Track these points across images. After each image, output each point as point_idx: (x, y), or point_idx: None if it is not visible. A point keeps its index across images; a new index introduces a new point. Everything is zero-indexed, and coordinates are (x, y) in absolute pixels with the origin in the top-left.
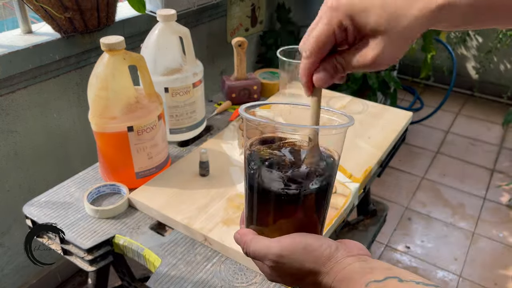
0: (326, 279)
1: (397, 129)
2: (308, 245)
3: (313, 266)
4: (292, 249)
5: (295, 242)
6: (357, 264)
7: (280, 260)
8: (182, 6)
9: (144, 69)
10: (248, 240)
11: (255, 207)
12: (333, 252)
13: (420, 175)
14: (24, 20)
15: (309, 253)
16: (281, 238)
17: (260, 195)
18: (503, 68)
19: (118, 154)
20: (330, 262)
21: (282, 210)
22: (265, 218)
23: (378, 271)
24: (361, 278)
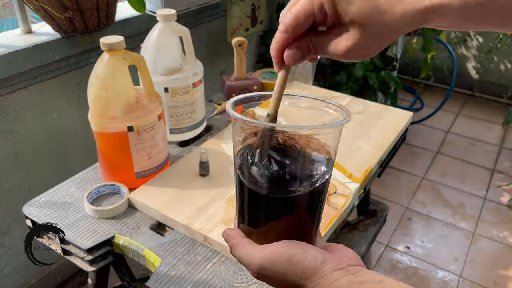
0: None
1: (397, 129)
2: (292, 256)
3: (297, 279)
4: (274, 261)
5: (278, 253)
6: (344, 280)
7: (261, 272)
8: (182, 6)
9: (144, 69)
10: (234, 244)
11: (245, 207)
12: (319, 266)
13: (420, 175)
14: (24, 20)
15: (293, 265)
16: (266, 247)
17: (249, 196)
18: (504, 68)
19: (118, 154)
20: (315, 277)
21: (271, 213)
22: (254, 219)
23: (367, 286)
24: None
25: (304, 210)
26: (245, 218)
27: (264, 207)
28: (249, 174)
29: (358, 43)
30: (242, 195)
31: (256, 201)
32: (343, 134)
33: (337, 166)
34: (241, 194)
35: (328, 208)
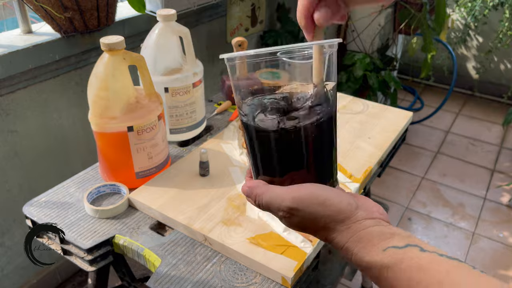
0: (339, 238)
1: (397, 129)
2: (326, 199)
3: (328, 221)
4: (308, 202)
5: (312, 194)
6: (376, 228)
7: (292, 213)
8: (182, 6)
9: (144, 69)
10: (260, 192)
11: (260, 156)
12: (353, 211)
13: (420, 175)
14: (24, 20)
15: (327, 207)
16: (298, 188)
17: (264, 142)
18: (503, 68)
19: (118, 154)
20: (347, 221)
21: (285, 154)
22: (273, 165)
23: (398, 237)
24: (379, 243)
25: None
26: (262, 167)
27: (280, 148)
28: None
29: None
30: (257, 145)
31: (270, 144)
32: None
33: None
34: (253, 143)
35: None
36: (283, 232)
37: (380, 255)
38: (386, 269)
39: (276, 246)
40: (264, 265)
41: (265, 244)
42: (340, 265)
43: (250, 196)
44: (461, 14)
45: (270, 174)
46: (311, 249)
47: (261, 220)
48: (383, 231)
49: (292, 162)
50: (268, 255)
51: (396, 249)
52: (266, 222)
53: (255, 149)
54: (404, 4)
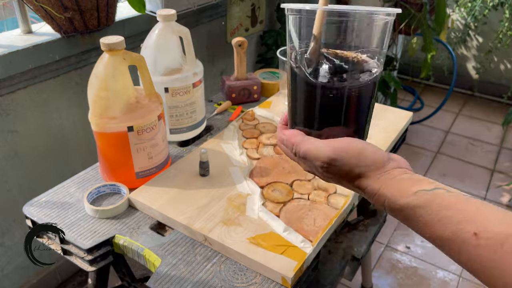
0: (373, 185)
1: (397, 129)
2: (363, 149)
3: (364, 170)
4: (346, 152)
5: (350, 145)
6: (406, 175)
7: (332, 163)
8: (182, 6)
9: (144, 69)
10: (298, 141)
11: (303, 107)
12: (385, 161)
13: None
14: (24, 20)
15: (364, 157)
16: (335, 141)
17: (309, 93)
18: (503, 68)
19: (118, 154)
20: (381, 170)
21: (330, 108)
22: (314, 117)
23: (426, 182)
24: (410, 187)
25: (359, 107)
26: (304, 119)
27: (323, 103)
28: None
29: None
30: (303, 96)
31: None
32: None
33: None
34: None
35: (328, 209)
36: (283, 232)
37: (412, 197)
38: (419, 209)
39: (276, 246)
40: (264, 265)
41: (265, 244)
42: (340, 265)
43: (287, 144)
44: (461, 14)
45: (309, 125)
46: (311, 249)
47: (261, 220)
48: (412, 178)
49: (332, 117)
50: (268, 255)
51: (426, 192)
52: (266, 222)
53: (299, 100)
54: (404, 4)
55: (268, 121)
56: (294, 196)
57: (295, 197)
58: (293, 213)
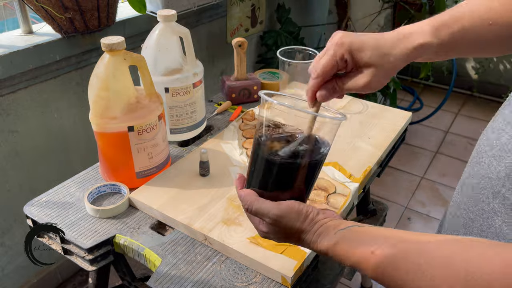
0: (308, 236)
1: (397, 129)
2: (300, 210)
3: (301, 225)
4: (288, 212)
5: (289, 206)
6: (330, 222)
7: (278, 219)
8: (182, 7)
9: (144, 69)
10: (253, 200)
11: (258, 172)
12: (315, 216)
13: (420, 175)
14: (25, 20)
15: (299, 216)
16: (280, 203)
17: (264, 164)
18: (503, 68)
19: (119, 154)
20: (312, 222)
21: (280, 178)
22: (266, 183)
23: (344, 223)
24: (332, 230)
25: (304, 179)
26: (258, 181)
27: (275, 173)
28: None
29: (372, 79)
30: (260, 166)
31: (270, 169)
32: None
33: (337, 166)
34: (256, 162)
35: (328, 208)
36: None
37: (332, 238)
38: (337, 244)
39: (276, 245)
40: (264, 265)
41: (265, 243)
42: (339, 265)
43: (243, 201)
44: None
45: (262, 188)
46: None
47: None
48: (335, 223)
49: (282, 184)
50: (268, 255)
51: (341, 230)
52: None
53: (256, 167)
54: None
55: None
56: None
57: None
58: None
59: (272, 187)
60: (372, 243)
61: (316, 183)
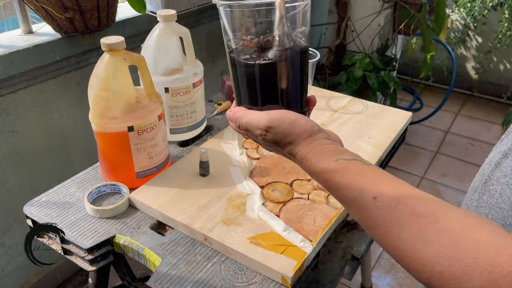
0: (302, 151)
1: (397, 129)
2: (295, 120)
3: (295, 138)
4: (280, 122)
5: (283, 116)
6: (331, 146)
7: (268, 130)
8: (182, 7)
9: (144, 69)
10: (241, 115)
11: (241, 86)
12: (315, 131)
13: (420, 175)
14: (25, 20)
15: (295, 127)
16: (271, 112)
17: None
18: (503, 68)
19: (119, 154)
20: (310, 138)
21: (264, 83)
22: (252, 95)
23: (347, 153)
24: (332, 155)
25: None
26: (244, 96)
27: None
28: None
29: None
30: (240, 77)
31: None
32: (343, 134)
33: None
34: (240, 76)
35: (328, 208)
36: (283, 232)
37: (332, 164)
38: (335, 173)
39: (276, 245)
40: (264, 265)
41: (265, 243)
42: (339, 265)
43: (232, 119)
44: (460, 14)
45: (251, 102)
46: (311, 249)
47: (261, 220)
48: (337, 148)
49: (267, 92)
50: (268, 255)
51: (345, 160)
52: (266, 222)
53: (239, 81)
54: (404, 4)
55: None
56: (294, 196)
57: (295, 196)
58: (293, 212)
59: (260, 100)
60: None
61: (316, 183)
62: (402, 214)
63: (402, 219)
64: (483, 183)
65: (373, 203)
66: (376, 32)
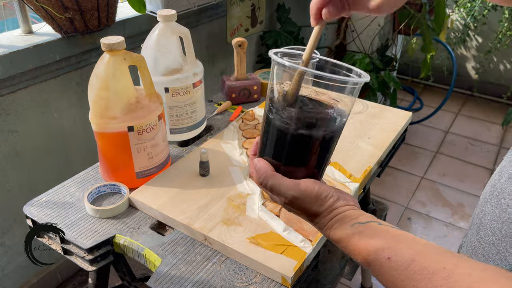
0: (323, 220)
1: (397, 129)
2: (319, 193)
3: (317, 209)
4: (306, 194)
5: (308, 188)
6: (350, 212)
7: (294, 201)
8: (182, 7)
9: (144, 69)
10: (269, 175)
11: (270, 143)
12: (334, 202)
13: (420, 175)
14: (25, 20)
15: (317, 200)
16: (299, 182)
17: (279, 132)
18: (503, 68)
19: (119, 154)
20: (330, 208)
21: (297, 151)
22: (280, 155)
23: (363, 217)
24: (349, 221)
25: (321, 152)
26: (270, 151)
27: (290, 145)
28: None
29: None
30: (273, 136)
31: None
32: (343, 134)
33: (337, 166)
34: (273, 135)
35: None
36: (283, 232)
37: (349, 229)
38: (352, 238)
39: (276, 245)
40: (264, 265)
41: (265, 243)
42: (339, 265)
43: (258, 173)
44: (460, 14)
45: (276, 159)
46: (311, 249)
47: (261, 220)
48: (354, 213)
49: (298, 158)
50: (268, 255)
51: (360, 224)
52: (266, 222)
53: (271, 136)
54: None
55: None
56: None
57: None
58: None
59: (287, 160)
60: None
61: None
62: (414, 274)
63: (415, 279)
64: (496, 196)
65: (388, 264)
66: (376, 32)
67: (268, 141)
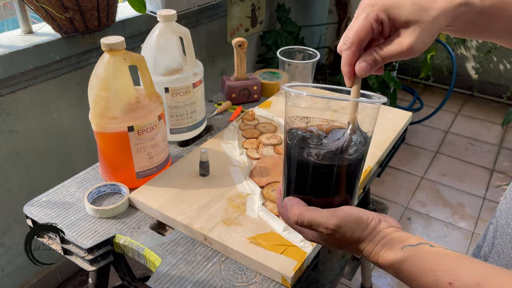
0: (368, 246)
1: (397, 129)
2: (359, 218)
3: (361, 234)
4: (346, 221)
5: (347, 214)
6: (395, 234)
7: (336, 230)
8: (182, 7)
9: (144, 69)
10: (303, 211)
11: (299, 179)
12: (377, 224)
13: (420, 175)
14: (25, 20)
15: (359, 224)
16: (335, 210)
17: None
18: (503, 68)
19: (119, 154)
20: (374, 232)
21: (326, 181)
22: (311, 189)
23: (412, 238)
24: (398, 244)
25: (352, 176)
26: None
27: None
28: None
29: (417, 38)
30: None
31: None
32: None
33: None
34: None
35: None
36: (283, 232)
37: (399, 253)
38: (404, 263)
39: (276, 245)
40: (264, 265)
41: (265, 243)
42: (339, 265)
43: (292, 212)
44: None
45: (308, 194)
46: (311, 249)
47: (261, 220)
48: (401, 235)
49: (329, 188)
50: (268, 255)
51: (411, 247)
52: (266, 222)
53: (296, 175)
54: None
55: (268, 121)
56: None
57: None
58: None
59: (318, 193)
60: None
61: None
62: None
63: None
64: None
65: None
66: None
67: (294, 178)
